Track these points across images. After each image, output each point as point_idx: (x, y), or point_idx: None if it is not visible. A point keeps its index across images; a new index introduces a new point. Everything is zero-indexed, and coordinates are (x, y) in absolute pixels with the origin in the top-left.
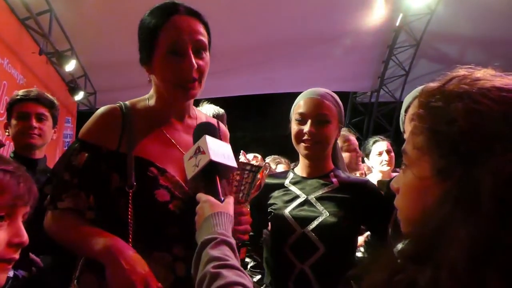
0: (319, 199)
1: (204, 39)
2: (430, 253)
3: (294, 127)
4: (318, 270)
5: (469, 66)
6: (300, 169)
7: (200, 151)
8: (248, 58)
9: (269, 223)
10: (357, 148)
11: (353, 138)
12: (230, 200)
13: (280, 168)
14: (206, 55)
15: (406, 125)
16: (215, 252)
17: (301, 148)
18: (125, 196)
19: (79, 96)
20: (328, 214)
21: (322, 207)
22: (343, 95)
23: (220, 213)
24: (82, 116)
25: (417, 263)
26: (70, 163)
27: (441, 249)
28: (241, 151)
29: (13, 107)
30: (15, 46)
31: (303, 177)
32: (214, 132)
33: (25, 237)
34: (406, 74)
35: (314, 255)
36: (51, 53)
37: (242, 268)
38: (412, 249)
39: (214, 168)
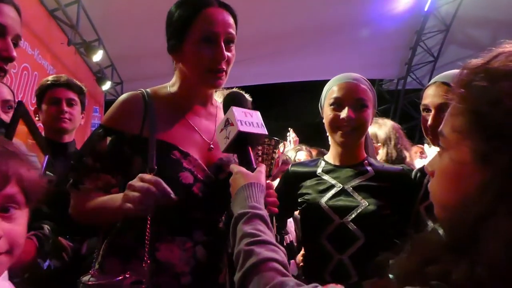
0: (356, 188)
1: (234, 32)
2: (467, 245)
3: (329, 114)
4: (357, 260)
5: None
6: (332, 157)
7: (229, 123)
8: (271, 46)
9: (300, 214)
10: None
11: None
12: (262, 168)
13: (301, 155)
14: (233, 48)
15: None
16: (247, 228)
17: (337, 136)
18: None
19: (106, 86)
20: (367, 204)
21: (360, 197)
22: None
23: (251, 184)
24: (109, 105)
25: (452, 253)
26: (93, 148)
27: (480, 242)
28: (289, 128)
29: (44, 92)
30: (45, 37)
31: (336, 166)
32: (241, 100)
33: None
34: (435, 60)
35: (353, 246)
36: (79, 44)
37: (274, 242)
38: (448, 239)
39: (244, 138)
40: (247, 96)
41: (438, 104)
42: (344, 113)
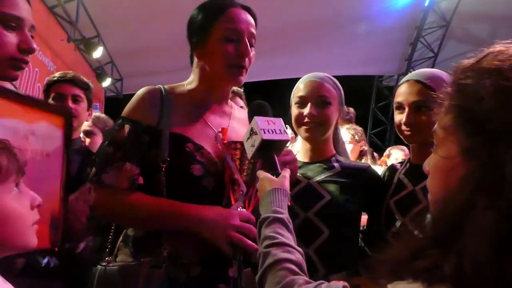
0: (321, 183)
1: (255, 33)
2: (452, 238)
3: (294, 111)
4: (322, 254)
5: (509, 41)
6: (302, 154)
7: (253, 132)
8: (268, 43)
9: None
10: None
11: None
12: (286, 173)
13: None
14: (254, 49)
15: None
16: (267, 231)
17: (302, 131)
18: (159, 171)
19: (106, 82)
20: (330, 197)
21: (324, 191)
22: (368, 78)
23: (275, 190)
24: (109, 102)
25: (439, 247)
26: (113, 137)
27: (463, 234)
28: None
29: (50, 88)
30: (45, 34)
31: (304, 162)
32: (264, 109)
33: None
34: (435, 56)
35: (318, 239)
36: (78, 40)
37: (291, 243)
38: (434, 232)
39: (268, 146)
40: (241, 90)
41: (411, 102)
42: (306, 110)
